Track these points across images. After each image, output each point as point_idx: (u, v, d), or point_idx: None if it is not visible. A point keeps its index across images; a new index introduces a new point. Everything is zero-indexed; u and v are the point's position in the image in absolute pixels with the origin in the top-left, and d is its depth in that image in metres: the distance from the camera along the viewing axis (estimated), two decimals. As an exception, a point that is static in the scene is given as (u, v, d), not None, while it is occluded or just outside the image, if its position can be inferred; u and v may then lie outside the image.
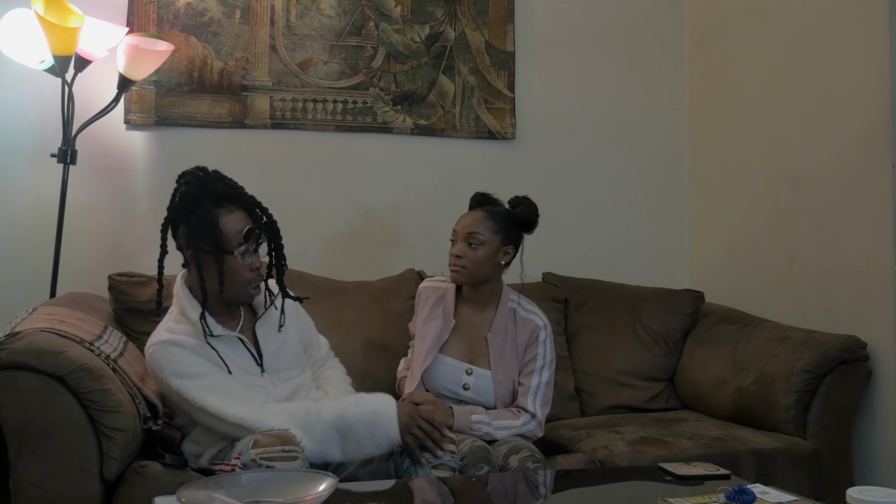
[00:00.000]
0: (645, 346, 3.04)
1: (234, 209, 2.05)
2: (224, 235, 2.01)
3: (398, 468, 2.00)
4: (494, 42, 3.32)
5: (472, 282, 2.41)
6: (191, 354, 2.01)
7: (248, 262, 2.05)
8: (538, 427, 2.36)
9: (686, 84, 3.57)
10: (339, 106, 3.17)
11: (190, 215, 2.03)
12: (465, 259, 2.36)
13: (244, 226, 2.04)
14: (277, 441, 1.81)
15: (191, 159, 3.01)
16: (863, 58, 2.67)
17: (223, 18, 3.06)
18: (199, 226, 2.01)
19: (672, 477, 1.84)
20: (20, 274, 2.87)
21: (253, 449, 1.80)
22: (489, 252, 2.37)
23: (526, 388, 2.38)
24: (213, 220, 2.00)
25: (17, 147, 2.89)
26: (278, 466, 1.76)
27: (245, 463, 1.79)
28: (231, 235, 2.02)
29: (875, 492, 1.43)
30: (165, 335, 2.04)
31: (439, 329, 2.41)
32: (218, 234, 2.01)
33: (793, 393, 2.55)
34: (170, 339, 2.02)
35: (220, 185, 2.06)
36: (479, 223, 2.38)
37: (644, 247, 3.50)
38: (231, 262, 2.03)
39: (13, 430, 1.92)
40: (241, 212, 2.06)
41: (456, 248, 2.39)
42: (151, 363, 2.04)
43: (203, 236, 2.01)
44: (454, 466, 2.00)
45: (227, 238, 2.02)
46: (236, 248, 2.02)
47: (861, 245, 2.69)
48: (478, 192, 2.50)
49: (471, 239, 2.36)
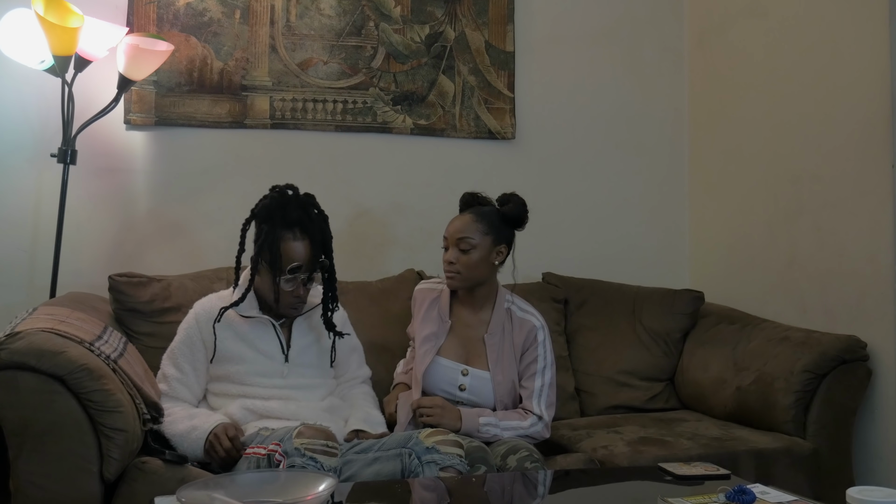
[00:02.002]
0: (645, 346, 3.04)
1: (300, 238, 2.21)
2: (277, 259, 2.18)
3: (405, 468, 2.00)
4: (494, 42, 3.32)
5: (469, 286, 2.41)
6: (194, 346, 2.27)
7: (291, 290, 2.22)
8: (545, 428, 2.36)
9: (686, 84, 3.57)
10: (338, 106, 3.17)
11: (263, 224, 2.22)
12: (459, 264, 2.36)
13: (299, 260, 2.19)
14: (321, 435, 1.90)
15: (191, 159, 3.06)
16: (863, 58, 2.67)
17: (223, 18, 3.06)
18: (264, 241, 2.19)
19: (672, 477, 1.84)
20: (20, 274, 2.87)
21: (297, 439, 1.87)
22: (482, 254, 2.37)
23: (530, 390, 2.38)
24: (274, 240, 2.18)
25: (17, 147, 2.89)
26: (320, 459, 1.84)
27: (287, 451, 1.85)
28: (283, 262, 2.18)
29: (875, 492, 1.43)
30: (207, 301, 2.33)
31: (435, 331, 2.41)
32: (276, 256, 2.18)
33: (793, 393, 2.55)
34: (206, 304, 2.31)
35: (298, 212, 2.20)
36: (469, 227, 2.37)
37: (644, 247, 3.50)
38: (277, 283, 2.20)
39: (13, 430, 1.93)
40: (305, 242, 2.21)
41: (448, 254, 2.38)
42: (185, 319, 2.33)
43: (261, 251, 2.20)
44: (462, 470, 1.99)
45: (279, 263, 2.18)
46: (281, 275, 2.19)
47: (861, 245, 2.69)
48: (466, 192, 2.49)
49: (462, 244, 2.36)
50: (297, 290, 2.24)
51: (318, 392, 2.31)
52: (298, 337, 2.32)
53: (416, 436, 2.02)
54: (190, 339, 2.29)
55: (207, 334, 2.26)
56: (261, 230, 2.23)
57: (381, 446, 2.05)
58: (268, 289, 2.23)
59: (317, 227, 2.24)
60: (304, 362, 2.30)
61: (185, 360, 2.28)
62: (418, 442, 2.00)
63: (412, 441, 2.01)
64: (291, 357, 2.28)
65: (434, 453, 1.97)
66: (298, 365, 2.29)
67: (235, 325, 2.26)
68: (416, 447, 1.99)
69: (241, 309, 2.26)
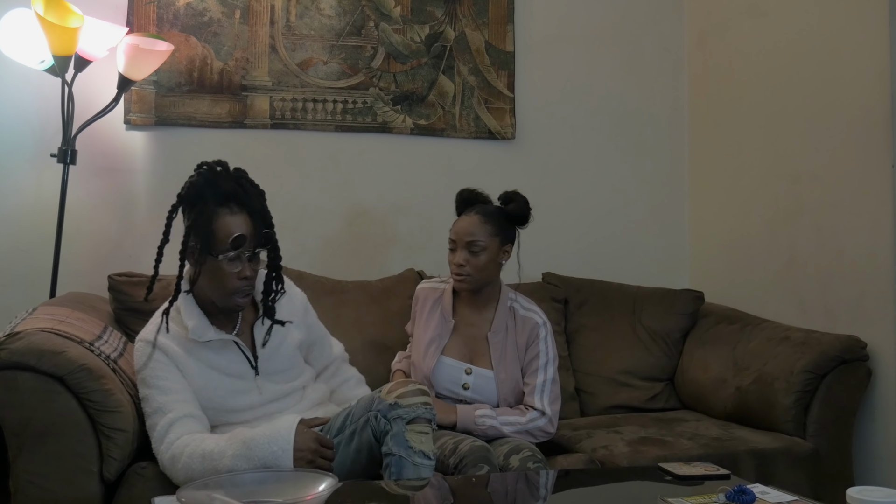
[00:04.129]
0: (645, 346, 3.04)
1: (238, 212, 1.96)
2: (215, 237, 1.94)
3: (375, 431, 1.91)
4: (494, 42, 3.32)
5: (479, 287, 2.42)
6: (167, 366, 1.97)
7: (236, 270, 1.97)
8: (549, 423, 2.35)
9: (686, 84, 3.57)
10: (338, 106, 3.17)
11: (192, 208, 1.97)
12: (469, 266, 2.36)
13: (239, 231, 1.95)
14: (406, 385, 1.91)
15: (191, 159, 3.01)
16: (863, 58, 2.67)
17: (223, 18, 3.06)
18: (196, 222, 1.95)
19: (672, 477, 1.84)
20: (20, 274, 2.87)
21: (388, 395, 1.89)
22: (491, 256, 2.38)
23: (532, 386, 2.38)
24: (207, 218, 1.94)
25: (17, 147, 2.89)
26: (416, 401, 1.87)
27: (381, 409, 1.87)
28: (221, 239, 1.94)
29: (875, 492, 1.43)
30: (151, 335, 2.01)
31: (440, 332, 2.41)
32: (209, 234, 1.94)
33: (793, 393, 2.55)
34: (155, 342, 1.99)
35: (231, 184, 1.97)
36: (478, 229, 2.37)
37: (644, 247, 3.50)
38: (215, 266, 1.96)
39: (13, 430, 1.93)
40: (243, 216, 1.97)
41: (458, 256, 2.38)
42: (134, 356, 2.03)
43: (196, 234, 1.95)
44: (429, 418, 1.91)
45: (218, 241, 1.94)
46: (223, 253, 1.94)
47: (861, 245, 2.69)
48: (464, 189, 2.48)
49: (472, 246, 2.36)
50: (244, 271, 1.97)
51: (296, 395, 2.15)
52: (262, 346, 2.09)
53: (377, 395, 1.93)
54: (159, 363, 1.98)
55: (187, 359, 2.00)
56: (192, 213, 1.96)
57: (351, 417, 1.96)
58: (210, 282, 1.98)
59: (255, 199, 1.99)
60: (274, 369, 2.10)
61: (171, 380, 1.97)
62: (381, 401, 1.90)
63: (375, 402, 1.91)
64: (261, 368, 2.07)
65: (397, 409, 1.87)
66: (270, 373, 2.09)
67: (196, 352, 2.00)
68: (379, 407, 1.89)
69: (195, 333, 1.98)
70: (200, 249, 1.96)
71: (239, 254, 1.97)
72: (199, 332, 1.99)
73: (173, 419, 1.92)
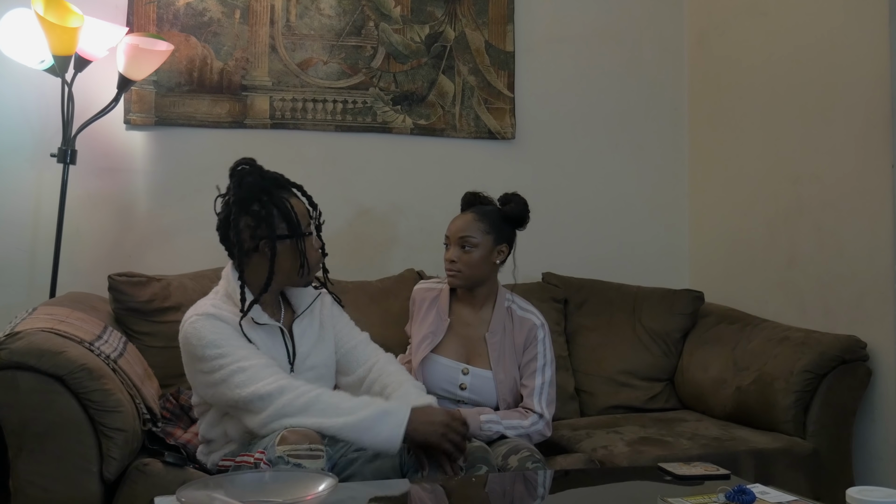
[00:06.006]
0: (645, 346, 3.04)
1: (295, 194, 2.10)
2: (296, 218, 2.05)
3: (403, 465, 1.96)
4: (494, 42, 3.32)
5: (470, 285, 2.42)
6: (233, 332, 1.97)
7: (318, 246, 2.13)
8: (546, 426, 2.36)
9: (686, 84, 3.57)
10: (338, 106, 3.17)
11: (258, 202, 2.02)
12: (460, 263, 2.37)
13: (309, 213, 2.10)
14: (305, 440, 1.77)
15: (191, 159, 3.06)
16: (863, 58, 2.67)
17: (223, 18, 3.06)
18: (270, 212, 2.01)
19: (672, 477, 1.84)
20: (20, 274, 2.87)
21: (280, 446, 1.75)
22: (483, 254, 2.38)
23: (530, 388, 2.38)
24: (282, 203, 2.03)
25: (17, 147, 2.89)
26: (305, 464, 1.73)
27: (271, 459, 1.75)
28: (302, 216, 2.07)
29: (875, 492, 1.43)
30: (211, 309, 2.00)
31: (433, 328, 2.41)
32: (290, 216, 2.03)
33: (792, 393, 2.55)
34: (215, 314, 1.98)
35: (273, 174, 2.09)
36: (470, 226, 2.38)
37: (644, 247, 3.50)
38: (298, 245, 2.05)
39: (13, 430, 1.93)
40: (296, 196, 2.10)
41: (450, 252, 2.39)
42: (190, 332, 1.96)
43: (275, 221, 2.01)
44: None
45: (300, 219, 2.06)
46: (307, 229, 2.08)
47: (861, 245, 2.69)
48: (468, 191, 2.50)
49: (463, 242, 2.37)
50: (318, 241, 2.13)
51: None
52: (300, 344, 2.13)
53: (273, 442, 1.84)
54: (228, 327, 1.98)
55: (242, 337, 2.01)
56: (259, 205, 2.02)
57: None
58: (289, 266, 2.05)
59: (287, 179, 2.12)
60: (308, 366, 2.12)
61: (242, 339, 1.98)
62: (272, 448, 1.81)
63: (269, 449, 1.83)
64: (297, 366, 2.10)
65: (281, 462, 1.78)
66: (303, 371, 2.10)
67: (250, 332, 2.02)
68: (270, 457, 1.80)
69: (253, 313, 2.02)
70: (278, 235, 2.02)
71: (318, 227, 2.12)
72: (256, 314, 2.02)
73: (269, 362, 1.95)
